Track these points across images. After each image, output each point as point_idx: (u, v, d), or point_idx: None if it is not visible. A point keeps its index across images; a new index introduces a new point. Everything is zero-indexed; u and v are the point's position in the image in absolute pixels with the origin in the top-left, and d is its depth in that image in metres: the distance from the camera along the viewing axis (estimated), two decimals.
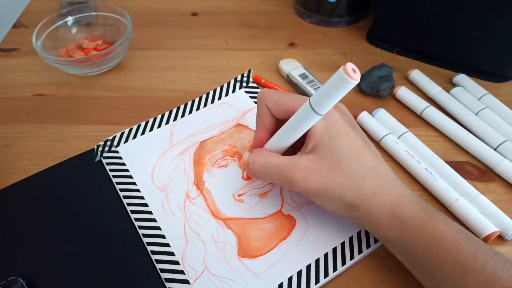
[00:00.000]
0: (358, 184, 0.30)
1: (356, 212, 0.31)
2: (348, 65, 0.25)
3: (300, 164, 0.31)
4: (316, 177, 0.30)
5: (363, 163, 0.31)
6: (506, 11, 0.43)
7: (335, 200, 0.31)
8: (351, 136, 0.31)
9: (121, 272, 0.35)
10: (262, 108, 0.35)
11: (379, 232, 0.32)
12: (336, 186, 0.30)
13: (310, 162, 0.31)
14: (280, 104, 0.33)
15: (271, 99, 0.34)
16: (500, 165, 0.39)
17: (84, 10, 0.56)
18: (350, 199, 0.30)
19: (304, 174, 0.31)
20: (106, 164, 0.42)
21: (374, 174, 0.31)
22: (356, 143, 0.31)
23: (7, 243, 0.37)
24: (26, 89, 0.51)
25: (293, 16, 0.61)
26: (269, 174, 0.33)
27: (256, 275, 0.33)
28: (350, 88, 0.26)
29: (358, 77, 0.25)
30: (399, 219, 0.30)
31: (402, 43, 0.53)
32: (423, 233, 0.29)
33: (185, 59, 0.54)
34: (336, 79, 0.26)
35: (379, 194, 0.30)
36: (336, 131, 0.31)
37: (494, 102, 0.45)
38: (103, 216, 0.38)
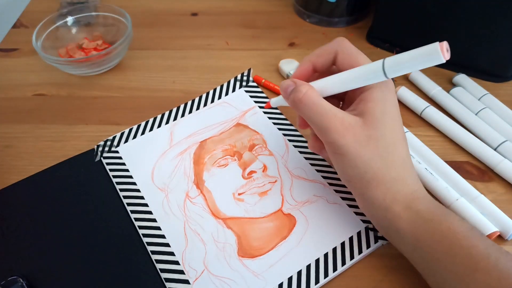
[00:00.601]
0: (385, 165, 0.31)
1: (371, 192, 0.31)
2: (445, 43, 0.25)
3: (344, 120, 0.31)
4: (353, 139, 0.31)
5: (397, 150, 0.31)
6: (506, 11, 0.43)
7: (356, 171, 0.31)
8: (398, 121, 0.32)
9: (121, 272, 0.35)
10: (329, 48, 0.34)
11: (388, 220, 0.31)
12: (366, 158, 0.31)
13: (354, 122, 0.31)
14: (351, 58, 0.33)
15: (347, 49, 0.34)
16: (500, 165, 0.39)
17: (84, 10, 0.56)
18: (373, 175, 0.31)
19: (345, 129, 0.31)
20: (106, 164, 0.42)
21: (401, 164, 0.31)
22: (400, 130, 0.32)
23: (7, 243, 0.37)
24: (26, 89, 0.51)
25: (293, 16, 0.61)
26: (313, 112, 0.32)
27: (256, 275, 0.33)
28: (436, 63, 0.26)
29: (448, 57, 0.26)
30: (413, 210, 0.30)
31: (402, 43, 0.53)
32: (437, 227, 0.29)
33: (185, 59, 0.54)
34: (428, 50, 0.26)
35: (399, 182, 0.31)
36: (389, 110, 0.32)
37: (494, 102, 0.45)
38: (103, 216, 0.38)
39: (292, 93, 0.33)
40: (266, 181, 0.39)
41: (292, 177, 0.40)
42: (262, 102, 0.47)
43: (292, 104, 0.33)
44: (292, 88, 0.33)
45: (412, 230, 0.30)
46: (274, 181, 0.40)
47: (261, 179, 0.40)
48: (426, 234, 0.29)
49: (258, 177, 0.40)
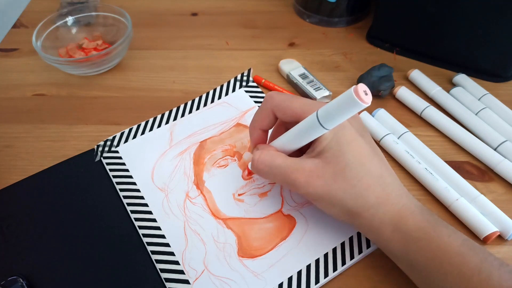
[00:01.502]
0: (362, 193, 0.30)
1: (358, 221, 0.31)
2: (359, 86, 0.25)
3: (304, 167, 0.31)
4: (320, 182, 0.30)
5: (368, 172, 0.30)
6: (506, 11, 0.43)
7: (337, 207, 0.31)
8: (358, 143, 0.31)
9: (121, 272, 0.35)
10: (265, 110, 0.35)
11: (381, 243, 0.31)
12: (339, 193, 0.30)
13: (314, 166, 0.31)
14: (287, 109, 0.33)
15: (278, 102, 0.34)
16: (500, 165, 0.39)
17: (84, 10, 0.56)
18: (352, 207, 0.30)
19: (307, 178, 0.30)
20: (106, 164, 0.42)
21: (379, 183, 0.31)
22: (363, 150, 0.31)
23: (7, 243, 0.37)
24: (26, 89, 0.51)
25: (293, 16, 0.61)
26: (273, 174, 0.33)
27: (256, 275, 0.33)
28: (359, 110, 0.25)
29: (369, 100, 0.25)
30: (402, 231, 0.30)
31: (402, 43, 0.53)
32: (427, 246, 0.29)
33: (185, 59, 0.54)
34: (346, 98, 0.26)
35: (382, 204, 0.30)
36: (344, 137, 0.31)
37: (494, 102, 0.45)
38: (103, 216, 0.38)
39: (251, 164, 0.34)
40: (266, 182, 0.39)
41: None
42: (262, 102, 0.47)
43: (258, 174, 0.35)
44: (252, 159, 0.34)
45: (404, 251, 0.30)
46: (274, 182, 0.39)
47: (261, 179, 0.40)
48: (418, 253, 0.29)
49: (258, 178, 0.40)
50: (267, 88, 0.49)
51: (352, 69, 0.52)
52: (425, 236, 0.29)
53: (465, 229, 0.36)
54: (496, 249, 0.35)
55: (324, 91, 0.47)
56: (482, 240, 0.35)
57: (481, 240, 0.35)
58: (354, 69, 0.51)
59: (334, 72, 0.51)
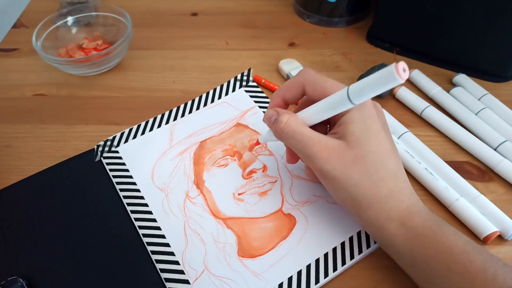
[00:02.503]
0: (375, 183, 0.30)
1: (364, 213, 0.31)
2: (400, 63, 0.25)
3: (328, 144, 0.31)
4: (339, 162, 0.31)
5: (385, 165, 0.31)
6: (506, 11, 0.43)
7: (348, 192, 0.31)
8: (381, 136, 0.32)
9: (121, 272, 0.35)
10: (296, 82, 0.34)
11: (384, 237, 0.31)
12: (354, 179, 0.30)
13: (338, 146, 0.31)
14: (320, 87, 0.33)
15: (312, 79, 0.34)
16: (500, 165, 0.39)
17: (84, 10, 0.56)
18: (364, 196, 0.30)
19: (329, 154, 0.31)
20: (106, 164, 0.42)
21: (393, 179, 0.31)
22: (385, 144, 0.31)
23: (7, 243, 0.37)
24: (26, 89, 0.51)
25: (293, 16, 0.61)
26: (296, 140, 0.32)
27: (256, 275, 0.33)
28: (395, 85, 0.26)
29: (407, 76, 0.25)
30: (408, 226, 0.30)
31: (402, 43, 0.53)
32: (432, 243, 0.29)
33: (185, 59, 0.54)
34: (385, 74, 0.26)
35: (392, 198, 0.30)
36: (370, 126, 0.31)
37: (494, 102, 0.45)
38: (103, 216, 0.38)
39: (274, 124, 0.33)
40: (266, 181, 0.39)
41: (292, 177, 0.40)
42: (262, 102, 0.47)
43: (276, 134, 0.34)
44: (275, 118, 0.33)
45: (408, 247, 0.30)
46: (274, 181, 0.40)
47: (261, 179, 0.40)
48: (422, 250, 0.29)
49: (258, 177, 0.40)
50: (267, 88, 0.49)
51: (352, 69, 0.52)
52: (431, 233, 0.29)
53: (465, 229, 0.36)
54: (496, 249, 0.35)
55: None
56: (482, 240, 0.35)
57: (481, 240, 0.35)
58: (354, 69, 0.51)
59: (334, 72, 0.51)
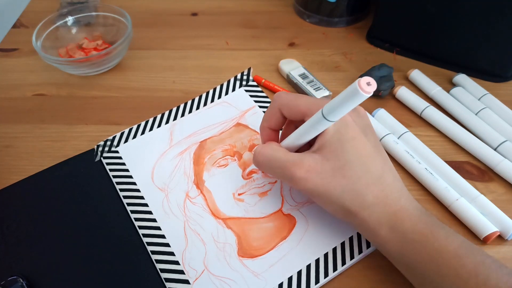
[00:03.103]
0: (360, 191, 0.30)
1: (354, 219, 0.31)
2: (363, 78, 0.25)
3: (304, 162, 0.31)
4: (318, 178, 0.30)
5: (368, 171, 0.30)
6: (506, 11, 0.43)
7: (334, 204, 0.31)
8: (360, 141, 0.31)
9: (121, 272, 0.35)
10: (273, 109, 0.35)
11: (378, 243, 0.31)
12: (337, 191, 0.30)
13: (314, 162, 0.30)
14: (294, 107, 0.33)
15: (285, 101, 0.34)
16: (500, 165, 0.39)
17: (84, 10, 0.56)
18: (350, 206, 0.30)
19: (306, 173, 0.30)
20: (106, 164, 0.42)
21: (378, 183, 0.30)
22: (365, 149, 0.31)
23: (7, 243, 0.37)
24: (26, 89, 0.51)
25: (293, 16, 0.61)
26: (272, 167, 0.32)
27: (256, 275, 0.33)
28: (361, 100, 0.26)
29: (372, 89, 0.25)
30: (398, 231, 0.30)
31: (402, 43, 0.53)
32: (423, 248, 0.29)
33: (185, 59, 0.54)
34: (350, 91, 0.26)
35: (379, 204, 0.30)
36: (346, 134, 0.31)
37: (494, 102, 0.45)
38: (103, 216, 0.38)
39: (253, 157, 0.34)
40: (266, 182, 0.39)
41: None
42: (262, 101, 0.47)
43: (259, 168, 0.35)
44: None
45: (401, 252, 0.30)
46: (274, 181, 0.40)
47: (261, 179, 0.40)
48: (414, 256, 0.29)
49: (258, 177, 0.40)
50: (267, 88, 0.49)
51: (352, 69, 0.52)
52: (421, 238, 0.29)
53: (465, 229, 0.36)
54: (496, 249, 0.35)
55: (324, 91, 0.47)
56: (482, 240, 0.35)
57: (481, 240, 0.35)
58: (354, 69, 0.51)
59: (334, 72, 0.51)
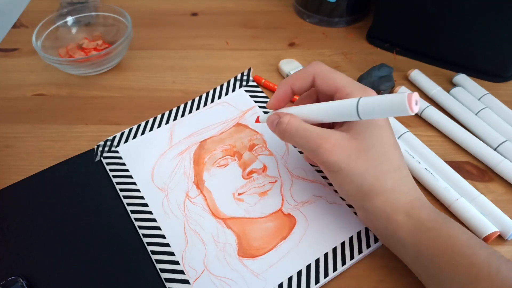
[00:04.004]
0: (380, 176, 0.31)
1: (370, 203, 0.31)
2: (414, 95, 0.25)
3: (331, 137, 0.31)
4: (343, 153, 0.31)
5: (389, 160, 0.31)
6: (506, 11, 0.43)
7: (353, 183, 0.31)
8: (387, 130, 0.32)
9: (121, 272, 0.35)
10: (306, 72, 0.34)
11: (390, 230, 0.31)
12: (360, 169, 0.30)
13: (341, 138, 0.31)
14: (330, 79, 0.33)
15: (323, 70, 0.34)
16: (500, 165, 0.39)
17: (84, 10, 0.56)
18: (369, 188, 0.31)
19: (333, 146, 0.31)
20: (106, 164, 0.42)
21: (397, 172, 0.31)
22: (389, 138, 0.32)
23: (7, 243, 0.37)
24: (26, 89, 0.51)
25: (293, 16, 0.61)
26: (299, 137, 0.32)
27: (256, 275, 0.33)
28: (404, 115, 0.26)
29: (417, 109, 0.25)
30: (414, 219, 0.30)
31: (402, 43, 0.53)
32: (438, 236, 0.29)
33: (185, 59, 0.54)
34: (397, 102, 0.26)
35: (397, 191, 0.31)
36: (376, 121, 0.31)
37: (494, 102, 0.45)
38: (103, 216, 0.38)
39: (277, 126, 0.34)
40: (266, 181, 0.39)
41: (292, 177, 0.40)
42: (262, 102, 0.47)
43: (280, 136, 0.34)
44: (277, 121, 0.34)
45: (413, 239, 0.30)
46: (274, 181, 0.40)
47: (261, 179, 0.40)
48: (427, 243, 0.29)
49: (258, 177, 0.40)
50: (267, 88, 0.49)
51: (352, 69, 0.52)
52: (436, 226, 0.30)
53: None
54: (496, 249, 0.35)
55: None
56: (482, 240, 0.35)
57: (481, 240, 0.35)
58: (354, 69, 0.51)
59: None
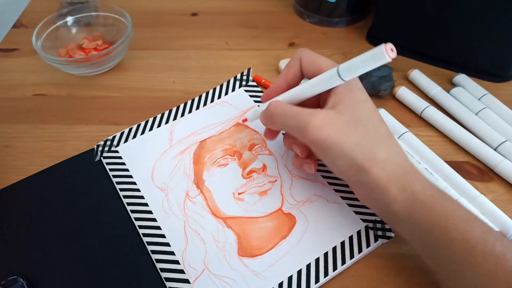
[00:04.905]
0: (372, 147, 0.31)
1: (365, 176, 0.30)
2: (388, 44, 0.27)
3: (319, 114, 0.31)
4: (332, 129, 0.31)
5: (378, 131, 0.32)
6: (506, 11, 0.43)
7: (345, 159, 0.31)
8: (370, 104, 0.33)
9: (121, 272, 0.35)
10: (295, 62, 0.36)
11: (386, 204, 0.30)
12: (351, 143, 0.30)
13: (329, 115, 0.31)
14: (315, 62, 0.34)
15: (308, 54, 0.35)
16: (500, 165, 0.39)
17: (84, 10, 0.56)
18: (362, 160, 0.30)
19: (321, 122, 0.31)
20: (106, 164, 0.42)
21: (388, 143, 0.31)
22: (375, 111, 0.33)
23: (7, 243, 0.37)
24: (26, 89, 0.51)
25: (293, 16, 0.61)
26: (287, 118, 0.33)
27: (256, 274, 0.33)
28: (382, 63, 0.28)
29: (394, 55, 0.27)
30: (408, 191, 0.30)
31: (402, 43, 0.52)
32: (433, 209, 0.29)
33: (185, 59, 0.54)
34: (374, 53, 0.28)
35: (390, 162, 0.30)
36: (358, 96, 0.32)
37: (494, 102, 0.45)
38: (103, 216, 0.38)
39: (265, 112, 0.35)
40: (266, 181, 0.39)
41: (291, 177, 0.40)
42: None
43: (270, 121, 0.35)
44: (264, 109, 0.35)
45: (409, 213, 0.30)
46: (274, 180, 0.40)
47: (261, 178, 0.40)
48: (423, 216, 0.29)
49: (258, 177, 0.40)
50: (267, 88, 0.49)
51: None
52: (431, 199, 0.29)
53: None
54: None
55: None
56: None
57: None
58: None
59: None
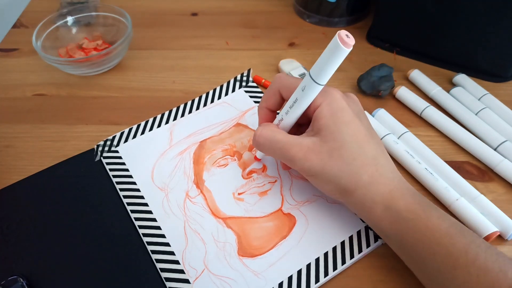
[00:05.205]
0: (355, 171, 0.31)
1: (350, 198, 0.32)
2: (341, 31, 0.26)
3: (302, 144, 0.32)
4: (316, 158, 0.31)
5: (363, 152, 0.32)
6: (506, 11, 0.43)
7: (331, 184, 0.32)
8: (355, 124, 0.32)
9: (121, 272, 0.35)
10: (272, 89, 0.36)
11: (372, 222, 0.32)
12: (334, 170, 0.31)
13: (312, 144, 0.32)
14: (292, 89, 0.34)
15: (285, 83, 0.35)
16: (500, 165, 0.39)
17: (84, 10, 0.56)
18: (346, 184, 0.31)
19: (305, 153, 0.32)
20: (106, 164, 0.42)
21: (373, 164, 0.32)
22: (360, 132, 0.32)
23: (7, 243, 0.37)
24: (26, 89, 0.51)
25: (293, 16, 0.61)
26: (273, 149, 0.34)
27: (256, 274, 0.33)
28: (345, 54, 0.27)
29: (352, 42, 0.26)
30: (392, 210, 0.31)
31: (402, 43, 0.53)
32: (416, 226, 0.30)
33: (185, 59, 0.54)
34: (331, 47, 0.27)
35: (374, 183, 0.31)
36: (342, 118, 0.32)
37: (494, 102, 0.45)
38: (103, 216, 0.38)
39: (253, 141, 0.35)
40: (266, 181, 0.39)
41: (291, 177, 0.40)
42: None
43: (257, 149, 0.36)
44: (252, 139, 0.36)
45: (394, 230, 0.31)
46: (274, 181, 0.40)
47: (261, 179, 0.40)
48: (407, 233, 0.30)
49: (258, 177, 0.40)
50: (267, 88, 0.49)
51: (352, 69, 0.52)
52: (414, 216, 0.30)
53: None
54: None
55: None
56: None
57: None
58: (354, 69, 0.51)
59: (334, 72, 0.51)
